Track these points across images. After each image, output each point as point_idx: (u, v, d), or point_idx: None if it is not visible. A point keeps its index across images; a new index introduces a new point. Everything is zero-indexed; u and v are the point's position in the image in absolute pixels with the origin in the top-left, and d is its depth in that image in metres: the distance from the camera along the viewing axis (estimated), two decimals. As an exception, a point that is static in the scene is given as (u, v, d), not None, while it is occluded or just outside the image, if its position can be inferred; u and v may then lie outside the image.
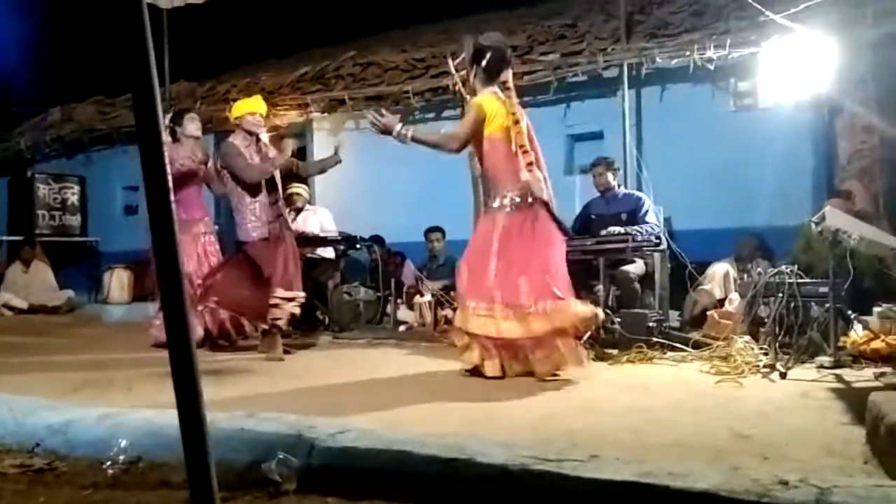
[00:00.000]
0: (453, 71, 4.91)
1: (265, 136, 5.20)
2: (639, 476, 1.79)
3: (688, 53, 6.22)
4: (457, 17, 9.32)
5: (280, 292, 4.92)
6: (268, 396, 3.42)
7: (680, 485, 1.73)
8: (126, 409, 2.74)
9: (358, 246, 7.07)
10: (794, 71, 5.56)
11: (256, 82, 8.82)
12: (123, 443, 2.40)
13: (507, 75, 4.14)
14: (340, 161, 5.50)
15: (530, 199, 3.96)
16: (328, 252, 6.94)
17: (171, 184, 1.30)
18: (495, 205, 4.04)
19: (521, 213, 3.96)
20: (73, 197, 10.45)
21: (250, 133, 5.04)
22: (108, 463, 2.36)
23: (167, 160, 1.29)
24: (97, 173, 10.27)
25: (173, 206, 1.31)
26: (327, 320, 6.63)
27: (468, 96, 4.25)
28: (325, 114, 8.24)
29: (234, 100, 8.61)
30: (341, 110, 8.13)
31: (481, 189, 5.41)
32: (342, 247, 6.93)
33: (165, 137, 4.80)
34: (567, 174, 7.09)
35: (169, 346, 1.31)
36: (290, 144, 5.15)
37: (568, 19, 7.43)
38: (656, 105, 6.67)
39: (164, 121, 5.41)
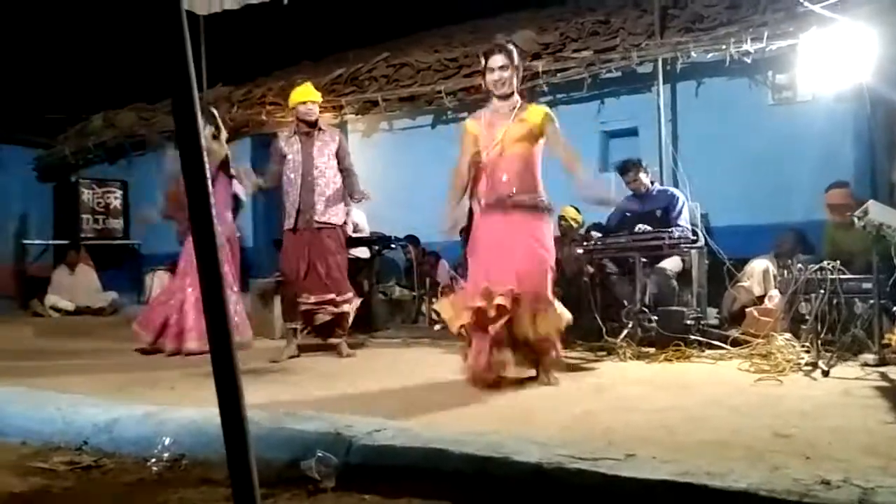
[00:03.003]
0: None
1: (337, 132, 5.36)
2: (676, 475, 1.78)
3: (724, 47, 6.12)
4: (489, 16, 9.32)
5: (305, 297, 4.95)
6: (305, 395, 3.46)
7: (719, 484, 1.71)
8: (169, 408, 2.81)
9: (392, 246, 7.12)
10: (833, 62, 5.43)
11: (292, 85, 8.90)
12: (167, 441, 2.47)
13: None
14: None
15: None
16: (363, 252, 7.00)
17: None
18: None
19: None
20: (115, 201, 10.70)
21: (305, 122, 5.12)
22: (153, 460, 2.42)
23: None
24: (138, 177, 10.50)
25: (213, 207, 1.34)
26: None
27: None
28: (359, 115, 8.31)
29: (271, 103, 8.78)
30: (375, 111, 8.19)
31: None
32: (377, 247, 6.98)
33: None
34: (602, 171, 7.04)
35: (210, 346, 1.34)
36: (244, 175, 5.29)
37: (600, 15, 7.36)
38: (692, 100, 6.58)
39: None
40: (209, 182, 1.34)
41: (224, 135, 5.70)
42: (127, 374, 4.31)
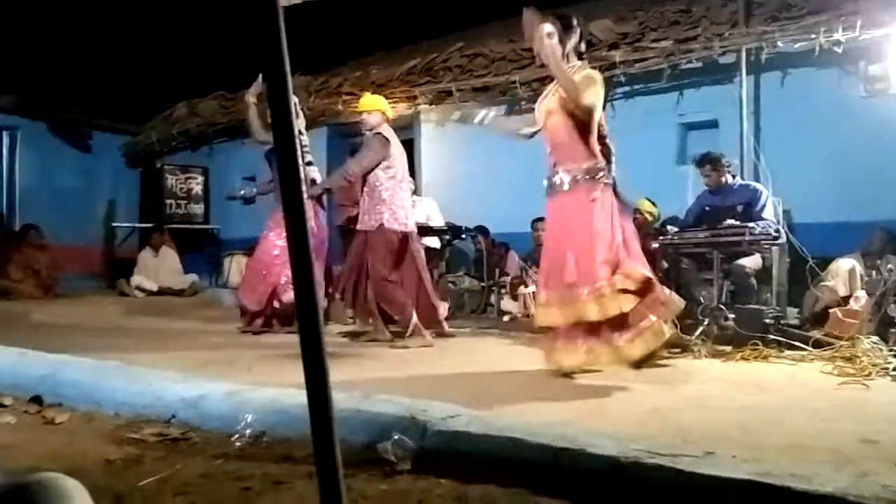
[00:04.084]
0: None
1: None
2: (758, 475, 1.74)
3: (813, 36, 5.87)
4: (565, 4, 9.17)
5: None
6: (380, 380, 3.53)
7: (804, 487, 1.67)
8: (252, 387, 2.92)
9: (463, 236, 7.16)
10: (934, 52, 5.15)
11: (367, 75, 9.04)
12: (249, 418, 2.57)
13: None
14: None
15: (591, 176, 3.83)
16: (434, 242, 7.07)
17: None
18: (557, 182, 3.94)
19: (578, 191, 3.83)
20: (197, 187, 11.10)
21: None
22: (236, 436, 2.53)
23: None
24: (219, 164, 10.86)
25: (304, 193, 1.39)
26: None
27: None
28: (433, 105, 8.36)
29: (347, 93, 8.93)
30: (448, 102, 8.22)
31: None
32: (447, 237, 7.03)
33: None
34: (679, 164, 6.89)
35: (299, 328, 1.39)
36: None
37: (682, 4, 7.17)
38: (777, 91, 6.35)
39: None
40: (300, 168, 1.39)
41: (300, 122, 5.81)
42: (206, 352, 4.49)
